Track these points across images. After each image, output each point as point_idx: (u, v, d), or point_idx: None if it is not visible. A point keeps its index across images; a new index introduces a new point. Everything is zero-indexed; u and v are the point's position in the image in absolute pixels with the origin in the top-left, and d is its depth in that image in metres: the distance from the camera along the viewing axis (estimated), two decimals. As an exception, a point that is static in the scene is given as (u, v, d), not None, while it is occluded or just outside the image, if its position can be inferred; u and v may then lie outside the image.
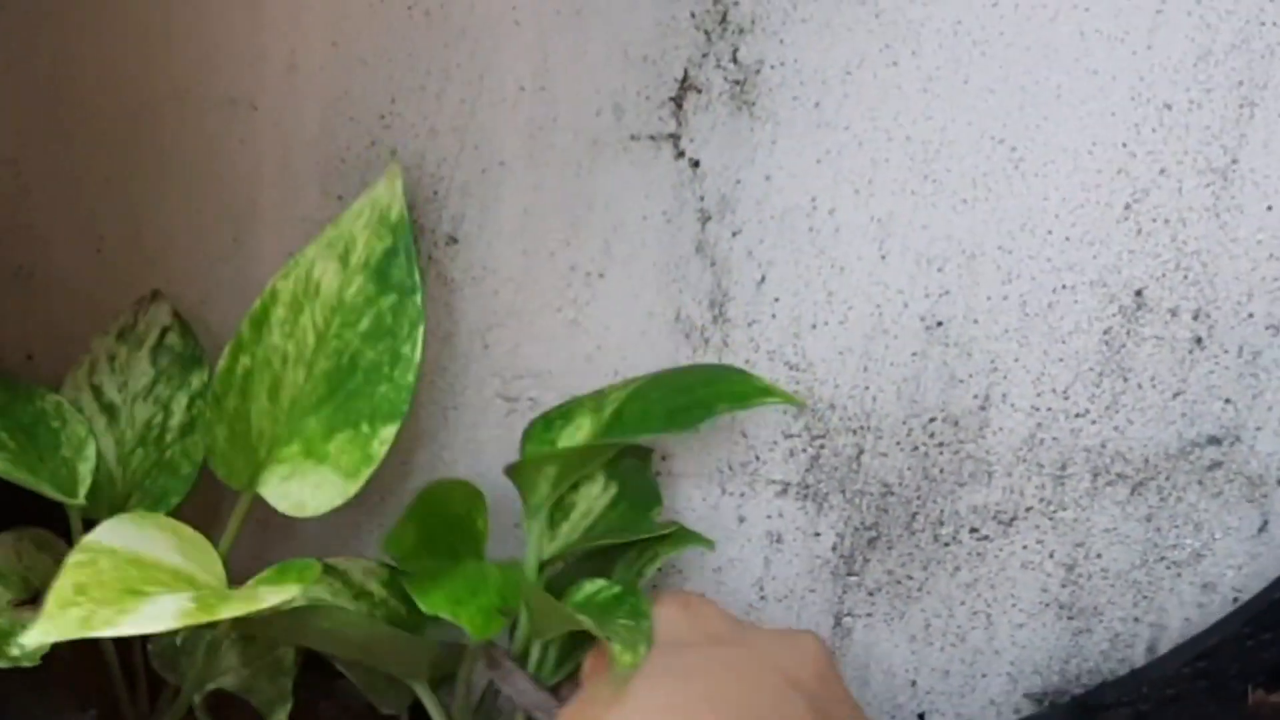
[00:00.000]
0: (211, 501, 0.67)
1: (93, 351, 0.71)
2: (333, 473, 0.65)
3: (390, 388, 0.65)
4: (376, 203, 0.66)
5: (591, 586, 0.64)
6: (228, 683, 0.67)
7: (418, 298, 0.66)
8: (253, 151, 0.72)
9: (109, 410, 0.69)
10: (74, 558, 0.52)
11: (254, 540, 0.73)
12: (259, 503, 0.66)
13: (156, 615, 0.50)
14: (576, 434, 0.69)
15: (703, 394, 0.68)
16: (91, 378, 0.70)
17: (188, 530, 0.58)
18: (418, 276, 0.66)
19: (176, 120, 0.72)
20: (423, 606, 0.61)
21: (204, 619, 0.51)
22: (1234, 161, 0.70)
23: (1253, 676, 0.73)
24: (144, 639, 0.68)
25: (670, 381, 0.70)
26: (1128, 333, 0.73)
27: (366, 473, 0.64)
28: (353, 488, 0.64)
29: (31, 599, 0.65)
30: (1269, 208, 0.71)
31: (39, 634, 0.48)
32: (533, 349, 0.74)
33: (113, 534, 0.55)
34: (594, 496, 0.71)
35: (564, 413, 0.70)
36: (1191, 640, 0.75)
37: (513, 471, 0.66)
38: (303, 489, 0.65)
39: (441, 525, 0.67)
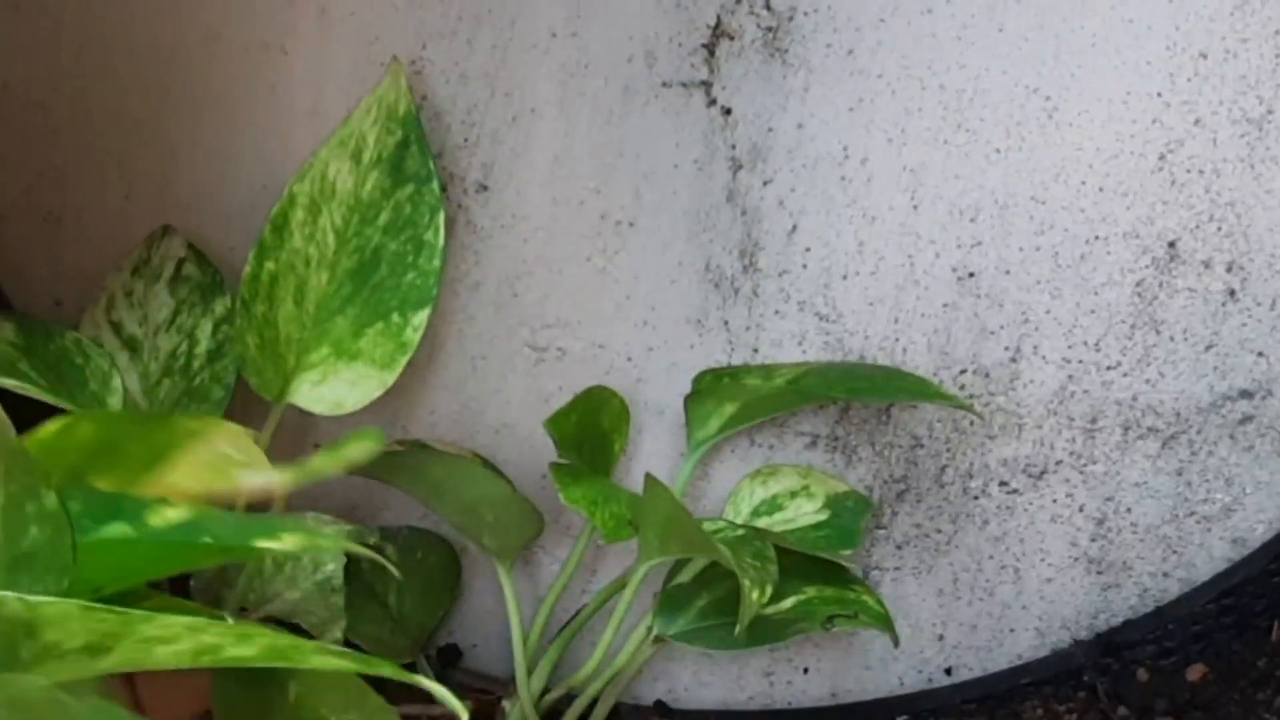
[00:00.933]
0: (247, 422, 0.67)
1: (108, 289, 0.71)
2: (367, 366, 0.66)
3: (417, 275, 0.66)
4: (383, 99, 0.67)
5: (712, 525, 0.66)
6: (276, 609, 0.67)
7: (434, 185, 0.67)
8: (284, 96, 0.72)
9: (131, 344, 0.70)
10: None
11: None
12: (296, 419, 0.67)
13: (257, 480, 0.52)
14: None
15: (882, 383, 0.71)
16: (110, 314, 0.70)
17: (234, 426, 0.59)
18: (432, 165, 0.67)
19: (208, 64, 0.72)
20: (563, 497, 0.65)
21: (300, 479, 0.52)
22: (1269, 112, 0.70)
23: (1278, 613, 0.73)
24: (184, 575, 0.68)
25: (847, 367, 0.73)
26: (1160, 285, 0.72)
27: (403, 360, 0.66)
28: (390, 377, 0.66)
29: None
30: (1304, 159, 0.70)
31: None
32: (562, 298, 0.74)
33: None
34: (804, 511, 0.72)
35: (732, 372, 0.73)
36: (1216, 578, 0.75)
37: (689, 401, 0.70)
38: (337, 388, 0.66)
39: (592, 429, 0.70)
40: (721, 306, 0.74)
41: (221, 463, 0.51)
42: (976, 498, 0.76)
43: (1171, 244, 0.72)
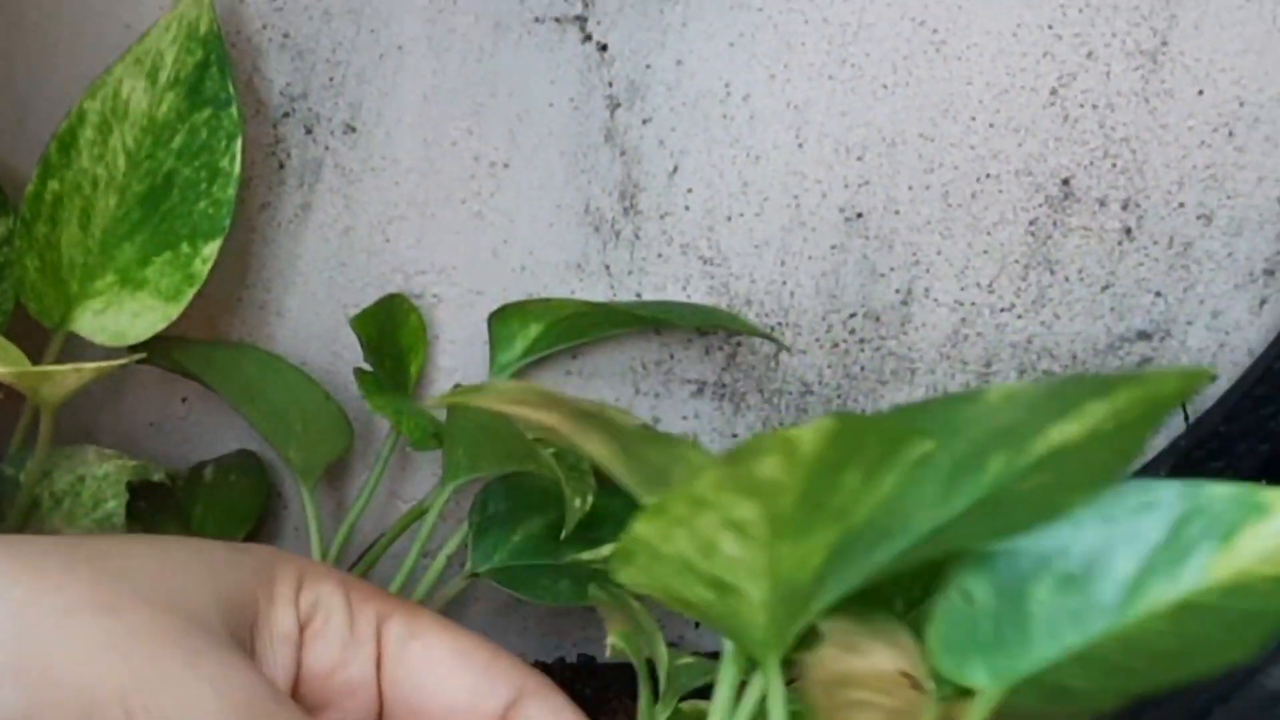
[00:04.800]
0: (26, 352, 0.64)
1: None
2: (152, 297, 0.63)
3: (209, 204, 0.63)
4: (184, 17, 0.64)
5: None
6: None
7: (233, 110, 0.64)
8: (138, 34, 0.68)
9: None
10: None
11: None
12: (79, 345, 0.64)
13: None
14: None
15: (696, 313, 0.71)
16: None
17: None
18: (232, 89, 0.64)
19: (56, 5, 0.69)
20: (370, 403, 0.64)
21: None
22: (1164, 44, 0.67)
23: None
24: None
25: (669, 303, 0.72)
26: (1054, 223, 0.70)
27: (189, 293, 0.63)
28: (175, 310, 0.63)
29: None
30: (1200, 92, 0.68)
31: None
32: (436, 243, 0.71)
33: None
34: None
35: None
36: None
37: (492, 320, 0.68)
38: (120, 318, 0.63)
39: (392, 341, 0.69)
40: (602, 250, 0.71)
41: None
42: (869, 445, 0.74)
43: (1065, 181, 0.69)
